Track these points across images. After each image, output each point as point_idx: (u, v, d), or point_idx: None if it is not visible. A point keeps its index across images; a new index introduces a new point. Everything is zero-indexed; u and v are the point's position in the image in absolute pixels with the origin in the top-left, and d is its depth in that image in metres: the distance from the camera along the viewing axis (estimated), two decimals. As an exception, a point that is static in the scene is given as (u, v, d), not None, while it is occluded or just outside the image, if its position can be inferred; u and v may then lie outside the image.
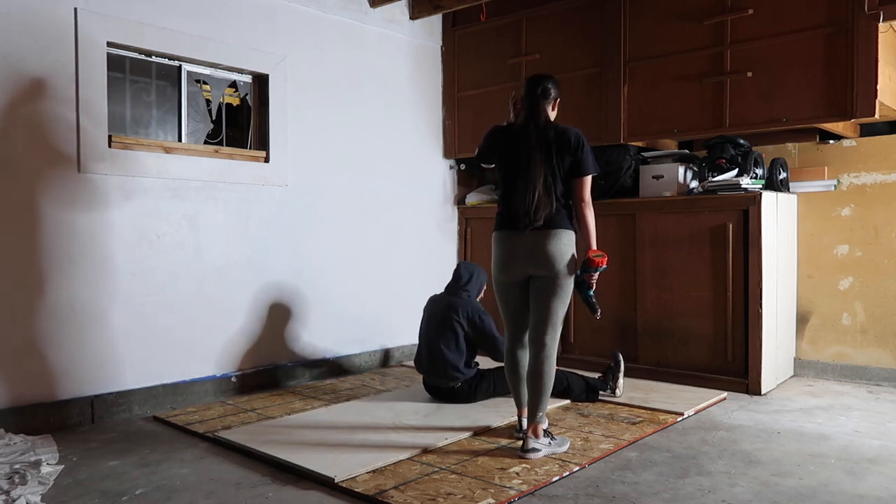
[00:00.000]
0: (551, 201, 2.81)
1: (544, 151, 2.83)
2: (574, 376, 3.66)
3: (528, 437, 2.85)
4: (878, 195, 4.10)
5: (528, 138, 2.86)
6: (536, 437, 2.84)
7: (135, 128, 3.94)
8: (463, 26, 5.22)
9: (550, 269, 2.82)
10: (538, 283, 2.88)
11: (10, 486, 2.46)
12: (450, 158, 5.36)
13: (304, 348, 4.38)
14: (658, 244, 4.26)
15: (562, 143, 2.83)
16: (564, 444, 2.91)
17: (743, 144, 4.11)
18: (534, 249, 2.83)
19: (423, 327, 3.75)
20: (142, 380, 3.63)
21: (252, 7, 4.11)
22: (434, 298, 3.81)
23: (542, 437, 2.85)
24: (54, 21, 3.33)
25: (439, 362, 3.57)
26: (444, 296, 3.76)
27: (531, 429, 2.86)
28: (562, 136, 2.85)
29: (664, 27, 4.26)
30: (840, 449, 2.94)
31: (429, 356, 3.63)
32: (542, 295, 2.87)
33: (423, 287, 5.11)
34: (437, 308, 3.70)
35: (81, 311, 3.42)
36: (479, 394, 3.62)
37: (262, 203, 4.15)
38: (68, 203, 3.38)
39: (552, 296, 2.85)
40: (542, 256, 2.82)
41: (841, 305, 4.22)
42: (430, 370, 3.64)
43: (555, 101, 2.96)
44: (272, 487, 2.54)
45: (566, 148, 2.83)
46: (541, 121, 2.89)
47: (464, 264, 3.87)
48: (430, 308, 3.76)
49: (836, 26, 3.65)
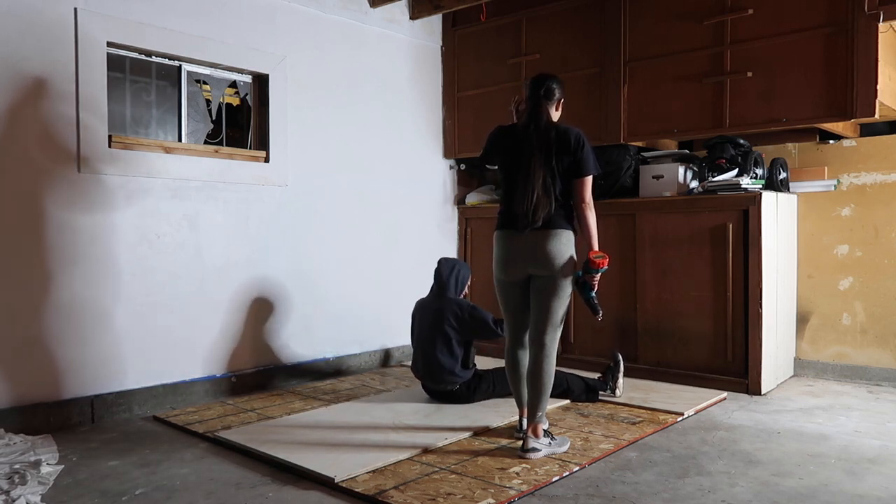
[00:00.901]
0: (550, 202, 2.81)
1: (544, 152, 2.83)
2: (573, 377, 3.66)
3: (528, 436, 2.85)
4: (878, 195, 4.10)
5: (529, 138, 2.86)
6: (536, 437, 2.84)
7: (135, 128, 3.94)
8: (463, 26, 5.22)
9: (549, 269, 2.83)
10: (538, 283, 2.89)
11: (10, 486, 2.46)
12: (450, 158, 5.36)
13: (304, 348, 4.38)
14: (658, 244, 4.26)
15: (562, 143, 2.83)
16: (564, 445, 2.91)
17: (743, 144, 4.11)
18: (533, 249, 2.84)
19: (416, 333, 3.73)
20: (142, 380, 3.63)
21: (252, 7, 4.11)
22: (422, 303, 3.78)
23: (542, 437, 2.86)
24: (54, 21, 3.33)
25: (435, 368, 3.57)
26: (430, 300, 3.72)
27: (531, 428, 2.86)
28: (562, 136, 2.85)
29: (664, 27, 4.26)
30: (840, 449, 2.94)
31: (424, 362, 3.62)
32: (541, 295, 2.88)
33: (424, 287, 5.08)
34: (426, 314, 3.67)
35: (82, 312, 3.42)
36: (478, 395, 3.62)
37: (262, 203, 4.15)
38: (68, 203, 3.38)
39: (552, 296, 2.85)
40: (541, 256, 2.82)
41: (841, 305, 4.22)
42: (427, 376, 3.63)
43: (558, 102, 2.96)
44: (272, 487, 2.54)
45: (566, 148, 2.83)
46: (542, 121, 2.88)
47: (443, 261, 3.80)
48: (420, 314, 3.74)
49: (836, 26, 3.65)
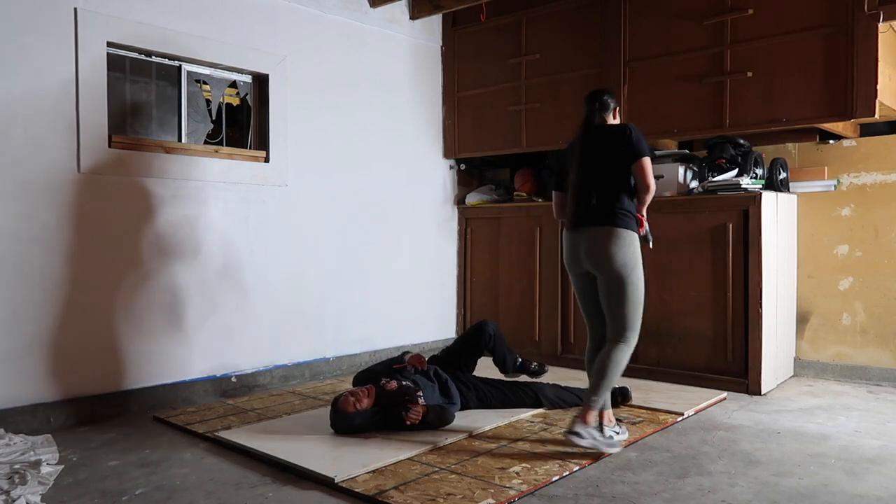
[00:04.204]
0: (605, 200, 2.86)
1: (596, 152, 2.91)
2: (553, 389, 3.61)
3: (576, 419, 2.80)
4: (878, 195, 4.10)
5: (581, 144, 2.96)
6: (584, 423, 2.78)
7: (135, 128, 3.94)
8: (463, 26, 5.22)
9: (600, 268, 2.87)
10: (599, 282, 2.95)
11: (10, 486, 2.46)
12: (450, 158, 5.36)
13: (304, 348, 4.38)
14: (658, 244, 4.24)
15: (614, 137, 2.90)
16: (614, 447, 2.83)
17: (743, 144, 4.11)
18: (588, 247, 2.89)
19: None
20: (142, 380, 3.63)
21: (252, 7, 4.11)
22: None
23: (590, 426, 2.80)
24: (54, 21, 3.33)
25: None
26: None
27: (582, 413, 2.81)
28: (614, 130, 2.92)
29: (664, 27, 4.26)
30: (840, 449, 2.94)
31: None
32: (602, 294, 2.94)
33: (423, 287, 5.13)
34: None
35: (82, 312, 3.42)
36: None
37: (262, 203, 4.15)
38: (68, 203, 3.38)
39: (607, 295, 2.91)
40: (594, 255, 2.88)
41: (841, 305, 4.22)
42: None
43: (614, 111, 3.03)
44: (272, 487, 2.54)
45: (618, 140, 2.88)
46: (593, 128, 2.97)
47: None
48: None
49: (835, 26, 3.65)
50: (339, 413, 3.04)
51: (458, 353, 3.65)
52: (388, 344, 4.88)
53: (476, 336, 3.63)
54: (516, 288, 5.01)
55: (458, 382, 3.41)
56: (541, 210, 4.85)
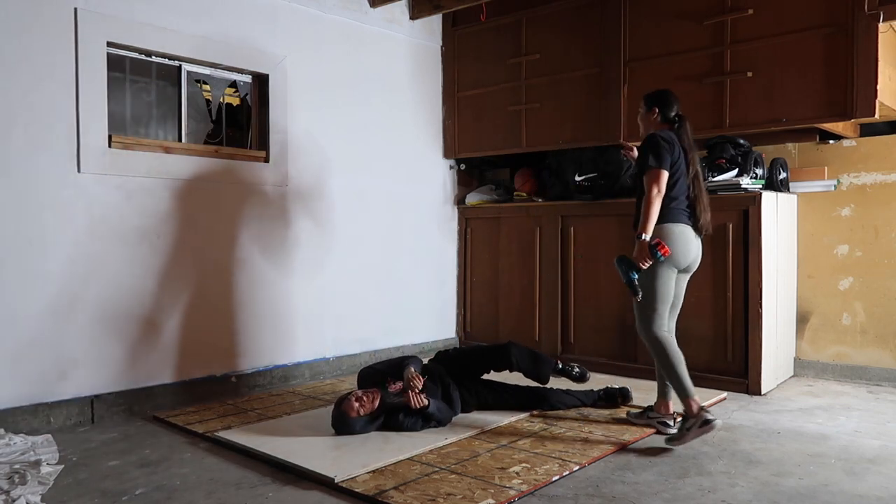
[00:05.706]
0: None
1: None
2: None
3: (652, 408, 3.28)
4: (878, 195, 4.10)
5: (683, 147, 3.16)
6: (658, 413, 3.23)
7: (135, 128, 3.94)
8: (463, 26, 5.22)
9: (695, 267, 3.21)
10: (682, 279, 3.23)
11: (10, 486, 2.46)
12: (450, 158, 5.36)
13: (304, 348, 4.38)
14: (658, 244, 4.25)
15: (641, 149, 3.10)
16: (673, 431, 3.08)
17: (743, 144, 4.10)
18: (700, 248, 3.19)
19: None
20: (142, 380, 3.63)
21: (252, 7, 4.11)
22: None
23: (665, 415, 3.20)
24: (54, 21, 3.33)
25: None
26: None
27: (657, 403, 3.26)
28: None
29: (664, 27, 4.26)
30: (840, 449, 2.94)
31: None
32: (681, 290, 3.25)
33: (423, 287, 5.13)
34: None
35: (82, 312, 3.42)
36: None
37: (262, 203, 4.15)
38: (68, 203, 3.38)
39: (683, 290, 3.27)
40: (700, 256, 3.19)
41: (841, 305, 4.22)
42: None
43: (645, 113, 3.23)
44: (272, 487, 2.54)
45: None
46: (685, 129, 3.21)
47: None
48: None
49: (835, 26, 3.65)
50: (342, 416, 3.06)
51: (470, 364, 3.57)
52: (388, 344, 4.88)
53: (495, 361, 3.53)
54: (516, 288, 5.01)
55: (460, 387, 3.41)
56: (541, 210, 4.86)
